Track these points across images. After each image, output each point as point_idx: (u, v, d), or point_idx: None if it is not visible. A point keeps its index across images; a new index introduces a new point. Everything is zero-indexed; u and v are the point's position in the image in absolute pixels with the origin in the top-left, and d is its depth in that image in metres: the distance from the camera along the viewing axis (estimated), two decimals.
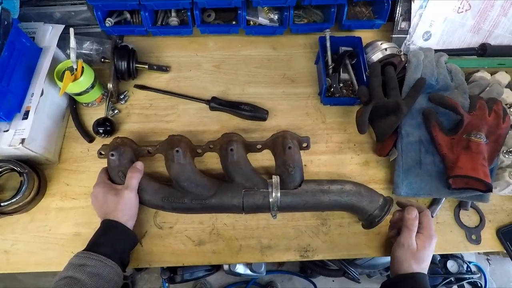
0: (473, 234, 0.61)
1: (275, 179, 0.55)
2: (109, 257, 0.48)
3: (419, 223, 0.54)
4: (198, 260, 0.59)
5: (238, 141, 0.58)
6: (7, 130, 0.55)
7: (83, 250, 0.49)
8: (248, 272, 1.16)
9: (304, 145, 0.62)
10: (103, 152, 0.60)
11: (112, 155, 0.55)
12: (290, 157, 0.56)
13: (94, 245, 0.50)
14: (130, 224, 0.54)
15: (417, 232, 0.53)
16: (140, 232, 0.60)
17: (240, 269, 1.14)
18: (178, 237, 0.60)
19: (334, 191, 0.56)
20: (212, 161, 0.65)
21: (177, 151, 0.54)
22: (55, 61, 0.62)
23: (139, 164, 0.57)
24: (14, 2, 0.54)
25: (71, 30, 0.59)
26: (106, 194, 0.54)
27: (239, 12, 0.71)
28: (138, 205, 0.56)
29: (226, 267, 1.14)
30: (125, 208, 0.53)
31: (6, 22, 0.53)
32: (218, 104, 0.68)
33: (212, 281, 1.39)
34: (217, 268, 1.26)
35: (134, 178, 0.55)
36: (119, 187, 0.55)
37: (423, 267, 0.52)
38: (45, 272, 0.58)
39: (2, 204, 0.55)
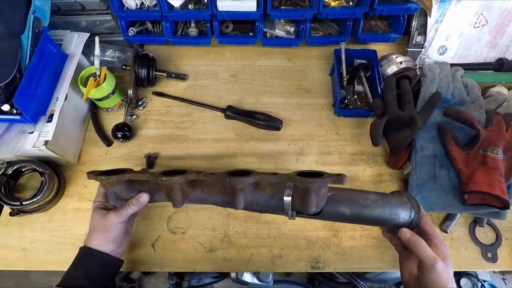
0: (489, 252, 0.60)
1: (290, 211, 0.49)
2: None
3: (425, 233, 0.50)
4: (209, 266, 0.59)
5: (244, 189, 0.47)
6: (32, 132, 0.58)
7: (57, 285, 0.47)
8: (255, 281, 1.15)
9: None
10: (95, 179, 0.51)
11: (114, 206, 0.53)
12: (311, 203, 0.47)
13: (69, 278, 0.48)
14: (104, 249, 0.50)
15: (430, 243, 0.48)
16: (153, 236, 0.61)
17: (248, 277, 1.14)
18: (190, 242, 0.60)
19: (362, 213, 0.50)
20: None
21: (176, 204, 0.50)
22: (79, 67, 0.65)
23: (143, 198, 0.52)
24: (45, 12, 0.57)
25: (97, 38, 0.62)
26: (95, 211, 0.52)
27: (256, 24, 0.73)
28: (123, 235, 0.53)
29: (233, 275, 1.13)
30: (103, 232, 0.50)
31: (37, 30, 0.56)
32: (233, 112, 0.69)
33: None
34: (224, 275, 1.26)
35: (130, 209, 0.52)
36: (112, 210, 0.52)
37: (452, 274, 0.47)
38: (56, 271, 0.59)
39: (23, 203, 0.57)
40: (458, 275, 1.11)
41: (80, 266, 0.49)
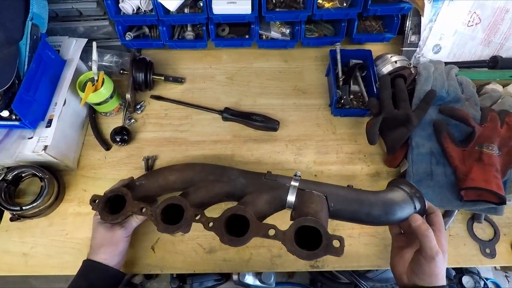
0: (487, 248, 0.60)
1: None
2: None
3: (432, 224, 0.48)
4: (209, 267, 0.59)
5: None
6: (31, 137, 0.58)
7: None
8: (257, 283, 1.15)
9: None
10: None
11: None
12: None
13: None
14: (110, 262, 0.51)
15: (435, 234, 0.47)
16: (153, 239, 0.61)
17: (249, 279, 1.14)
18: (190, 244, 0.61)
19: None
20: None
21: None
22: (77, 73, 0.65)
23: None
24: (43, 18, 0.58)
25: (94, 43, 0.63)
26: (99, 225, 0.53)
27: (252, 26, 0.73)
28: (127, 248, 0.55)
29: (235, 277, 1.13)
30: (111, 245, 0.52)
31: (35, 37, 0.56)
32: (230, 114, 0.70)
33: None
34: (226, 278, 1.26)
35: (134, 222, 0.54)
36: (117, 224, 0.53)
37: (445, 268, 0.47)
38: (57, 277, 0.59)
39: (23, 208, 0.57)
40: (460, 273, 1.11)
41: (83, 279, 0.50)
